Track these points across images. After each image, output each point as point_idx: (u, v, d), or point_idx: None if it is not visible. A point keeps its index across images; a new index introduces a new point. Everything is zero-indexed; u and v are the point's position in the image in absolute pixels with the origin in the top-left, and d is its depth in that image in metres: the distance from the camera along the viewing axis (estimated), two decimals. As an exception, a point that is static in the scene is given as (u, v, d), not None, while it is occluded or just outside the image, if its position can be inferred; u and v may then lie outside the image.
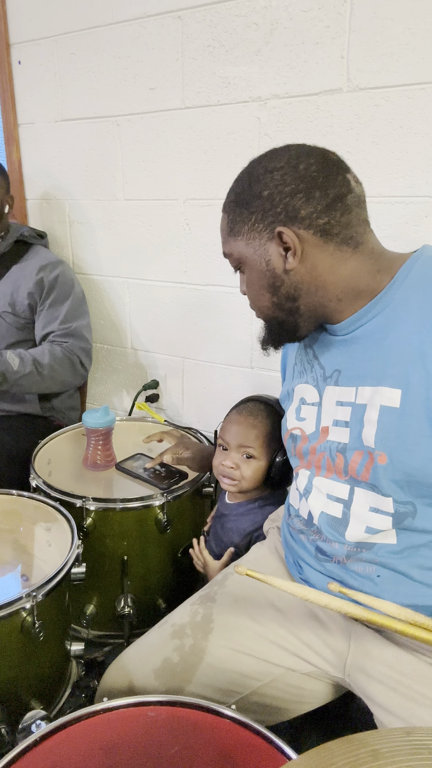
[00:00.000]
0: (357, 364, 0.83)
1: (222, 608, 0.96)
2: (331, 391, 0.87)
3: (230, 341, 1.58)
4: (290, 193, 0.77)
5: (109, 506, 1.22)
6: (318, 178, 0.77)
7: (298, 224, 0.77)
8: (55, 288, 1.57)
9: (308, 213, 0.77)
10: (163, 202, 1.58)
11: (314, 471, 0.90)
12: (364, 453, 0.81)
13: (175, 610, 1.00)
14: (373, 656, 0.86)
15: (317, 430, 0.89)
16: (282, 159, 0.79)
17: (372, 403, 0.79)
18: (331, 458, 0.86)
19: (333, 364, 0.87)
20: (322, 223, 0.77)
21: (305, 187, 0.77)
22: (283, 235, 0.78)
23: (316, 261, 0.79)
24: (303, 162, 0.78)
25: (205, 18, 1.36)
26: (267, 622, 0.93)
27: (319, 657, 0.91)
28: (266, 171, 0.79)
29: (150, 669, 0.90)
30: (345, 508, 0.85)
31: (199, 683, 0.89)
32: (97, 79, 1.60)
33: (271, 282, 0.82)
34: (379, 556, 0.83)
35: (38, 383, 1.48)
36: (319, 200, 0.77)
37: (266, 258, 0.81)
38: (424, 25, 1.12)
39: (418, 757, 0.38)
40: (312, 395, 0.91)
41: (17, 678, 0.96)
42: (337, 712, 1.06)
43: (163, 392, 1.79)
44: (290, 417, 0.95)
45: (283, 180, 0.78)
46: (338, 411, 0.85)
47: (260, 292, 0.85)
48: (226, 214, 0.85)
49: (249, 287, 0.87)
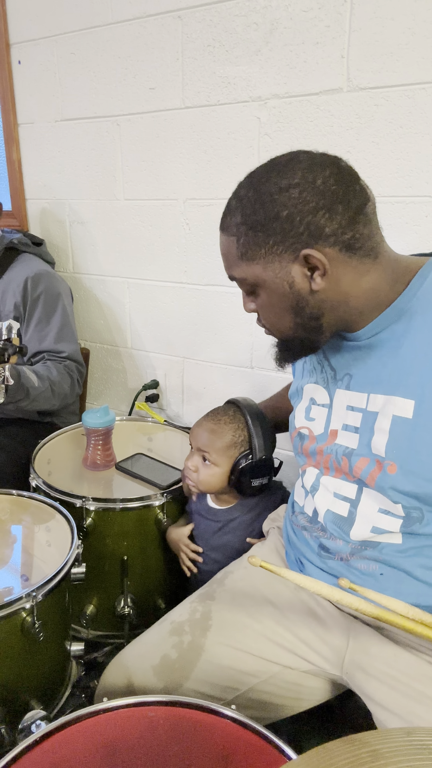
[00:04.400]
0: (370, 371, 0.82)
1: (221, 606, 0.97)
2: (342, 394, 0.86)
3: (230, 341, 1.58)
4: (312, 211, 0.72)
5: (109, 506, 1.22)
6: (338, 191, 0.73)
7: (323, 242, 0.73)
8: (39, 304, 1.54)
9: (333, 230, 0.73)
10: (163, 202, 1.58)
11: (323, 470, 0.91)
12: (371, 460, 0.81)
13: (174, 608, 1.01)
14: (372, 654, 0.86)
15: (326, 432, 0.89)
16: (295, 174, 0.74)
17: (384, 412, 0.79)
18: (337, 461, 0.87)
19: (344, 367, 0.86)
20: (347, 238, 0.73)
21: (327, 202, 0.72)
22: (311, 257, 0.74)
23: (340, 276, 0.76)
24: (319, 175, 0.73)
25: (205, 18, 1.36)
26: (265, 619, 0.94)
27: (317, 655, 0.91)
28: (280, 189, 0.73)
29: (149, 666, 0.91)
30: (351, 507, 0.85)
31: (198, 680, 0.90)
32: (97, 79, 1.60)
33: (295, 303, 0.78)
34: (384, 554, 0.83)
35: (48, 400, 1.47)
36: (342, 214, 0.72)
37: (289, 280, 0.77)
38: (424, 25, 1.12)
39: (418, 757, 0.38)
40: (322, 396, 0.90)
41: (17, 678, 0.96)
42: (336, 711, 1.06)
43: (163, 392, 1.79)
44: (299, 415, 0.95)
45: (302, 198, 0.72)
46: (349, 416, 0.85)
47: (282, 315, 0.80)
48: (233, 237, 0.78)
49: (267, 310, 0.82)
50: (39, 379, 1.42)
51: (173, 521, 1.28)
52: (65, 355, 1.55)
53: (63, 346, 1.55)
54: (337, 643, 0.90)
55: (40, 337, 1.54)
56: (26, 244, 1.63)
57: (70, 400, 1.60)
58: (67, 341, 1.57)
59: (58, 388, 1.49)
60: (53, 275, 1.61)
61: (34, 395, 1.40)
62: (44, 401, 1.46)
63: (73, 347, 1.58)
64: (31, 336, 1.54)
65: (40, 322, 1.55)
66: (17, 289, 1.53)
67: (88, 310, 1.87)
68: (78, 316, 1.87)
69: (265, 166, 0.78)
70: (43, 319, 1.55)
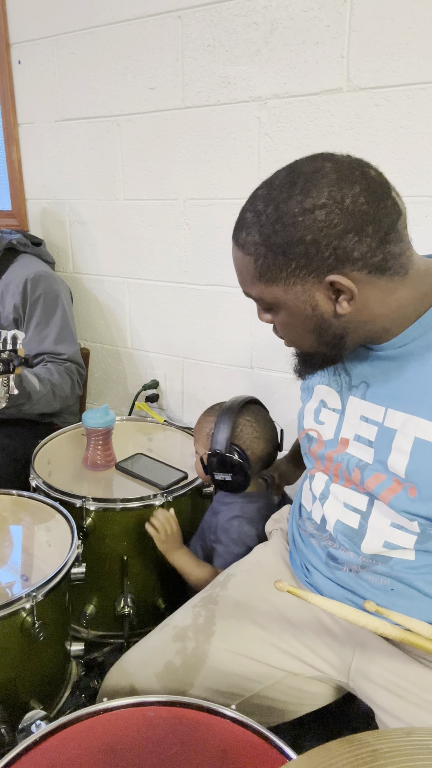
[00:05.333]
0: (390, 384, 0.79)
1: (224, 611, 0.95)
2: (357, 403, 0.83)
3: (230, 341, 1.58)
4: (339, 235, 0.66)
5: (109, 506, 1.22)
6: (369, 212, 0.67)
7: (350, 266, 0.68)
8: (39, 305, 1.54)
9: (362, 253, 0.67)
10: (163, 202, 1.58)
11: (332, 478, 0.88)
12: (388, 478, 0.78)
13: (176, 612, 1.00)
14: (379, 663, 0.85)
15: (336, 438, 0.86)
16: (321, 193, 0.66)
17: (404, 432, 0.76)
18: (348, 471, 0.84)
19: (361, 374, 0.83)
20: (377, 261, 0.68)
21: (356, 224, 0.66)
22: (337, 283, 0.69)
23: (367, 298, 0.71)
24: (348, 194, 0.66)
25: (205, 18, 1.36)
26: (270, 625, 0.92)
27: (322, 661, 0.90)
28: (305, 210, 0.67)
29: (152, 672, 0.90)
30: (362, 519, 0.83)
31: (201, 686, 0.89)
32: (97, 79, 1.60)
33: (318, 325, 0.74)
34: (395, 570, 0.81)
35: (50, 402, 1.47)
36: (372, 236, 0.67)
37: (312, 304, 0.72)
38: (424, 25, 1.12)
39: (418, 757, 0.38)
40: (334, 401, 0.87)
41: (17, 678, 0.96)
42: (337, 712, 1.06)
43: (163, 392, 1.79)
44: (307, 416, 0.92)
45: (329, 220, 0.66)
46: (362, 427, 0.82)
47: (303, 335, 0.77)
48: (249, 256, 0.73)
49: (287, 329, 0.78)
50: (40, 383, 1.42)
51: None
52: (65, 356, 1.55)
53: (63, 348, 1.55)
54: (344, 650, 0.89)
55: (39, 339, 1.54)
56: (25, 244, 1.62)
57: (70, 402, 1.60)
58: (67, 343, 1.57)
59: (59, 391, 1.49)
60: (53, 276, 1.61)
61: (36, 399, 1.40)
62: (45, 404, 1.46)
63: (73, 349, 1.58)
64: (31, 338, 1.54)
65: (40, 323, 1.54)
66: (16, 291, 1.53)
67: (87, 311, 1.87)
68: (78, 316, 1.87)
69: (287, 177, 0.70)
70: (42, 321, 1.55)
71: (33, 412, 1.46)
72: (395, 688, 0.82)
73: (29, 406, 1.40)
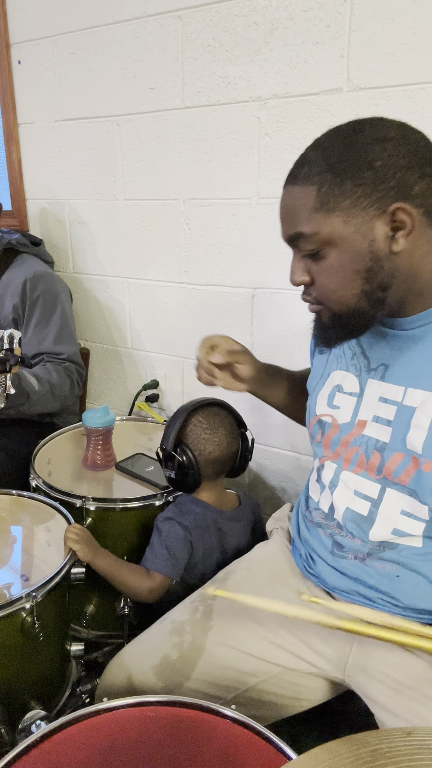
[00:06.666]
0: (410, 363, 0.80)
1: (222, 607, 0.96)
2: (376, 385, 0.83)
3: (230, 341, 1.58)
4: (405, 167, 0.69)
5: (109, 506, 1.22)
6: (427, 154, 0.71)
7: (411, 201, 0.69)
8: (38, 305, 1.54)
9: (422, 190, 0.69)
10: (163, 202, 1.58)
11: (341, 464, 0.88)
12: (406, 456, 0.79)
13: (174, 608, 1.01)
14: (376, 657, 0.85)
15: (352, 421, 0.86)
16: (390, 128, 0.71)
17: (424, 409, 0.77)
18: (366, 455, 0.84)
19: (380, 357, 0.83)
20: (431, 203, 0.70)
21: (419, 161, 0.70)
22: (400, 212, 0.69)
23: (416, 245, 0.72)
24: (412, 134, 0.72)
25: (205, 18, 1.36)
26: (266, 621, 0.93)
27: (319, 657, 0.90)
28: (375, 140, 0.70)
29: (149, 666, 0.91)
30: (372, 506, 0.83)
31: (198, 680, 0.90)
32: (97, 79, 1.60)
33: (369, 267, 0.73)
34: (402, 556, 0.82)
35: (49, 403, 1.47)
36: (430, 177, 0.70)
37: (370, 237, 0.71)
38: (424, 25, 1.12)
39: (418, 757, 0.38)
40: (351, 384, 0.87)
41: (17, 678, 0.96)
42: (337, 712, 1.06)
43: (163, 392, 1.79)
44: (320, 402, 0.91)
45: (398, 151, 0.69)
46: (381, 408, 0.82)
47: (351, 279, 0.74)
48: (312, 186, 0.72)
49: (332, 274, 0.75)
50: (39, 383, 1.42)
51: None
52: (64, 356, 1.55)
53: (62, 348, 1.55)
54: (341, 645, 0.89)
55: (39, 339, 1.54)
56: (25, 244, 1.62)
57: (69, 402, 1.60)
58: (67, 343, 1.57)
59: (58, 391, 1.49)
60: (52, 276, 1.61)
61: (35, 399, 1.40)
62: (44, 404, 1.46)
63: (73, 349, 1.58)
64: (30, 338, 1.54)
65: (39, 323, 1.54)
66: (16, 291, 1.53)
67: (88, 310, 1.87)
68: (78, 316, 1.87)
69: (351, 123, 0.75)
70: (42, 321, 1.55)
71: (32, 412, 1.46)
72: (392, 683, 0.82)
73: (28, 407, 1.40)
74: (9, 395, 1.17)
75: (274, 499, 1.60)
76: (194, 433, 1.14)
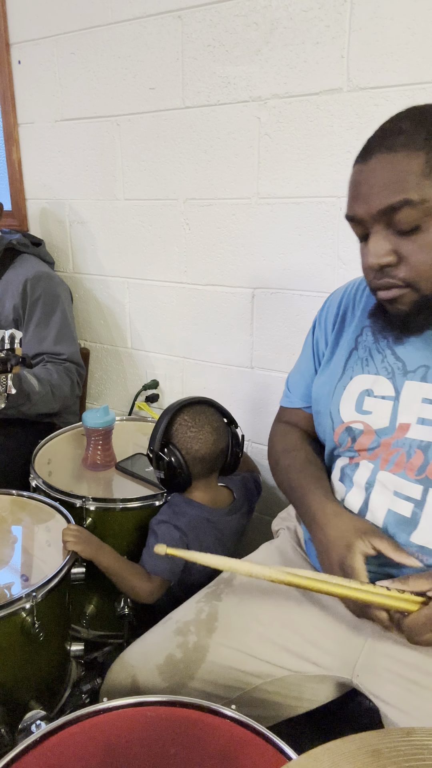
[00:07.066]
0: None
1: (227, 607, 0.96)
2: (416, 387, 0.82)
3: (230, 341, 1.58)
4: None
5: (109, 506, 1.22)
6: None
7: None
8: (39, 306, 1.54)
9: None
10: (163, 202, 1.58)
11: (379, 464, 0.85)
12: None
13: (179, 607, 1.00)
14: (388, 656, 0.85)
15: (392, 425, 0.83)
16: None
17: None
18: (408, 455, 0.82)
19: (418, 359, 0.82)
20: None
21: None
22: None
23: None
24: None
25: (205, 18, 1.36)
26: (272, 623, 0.92)
27: (326, 655, 0.90)
28: None
29: (153, 665, 0.91)
30: (416, 508, 0.81)
31: (202, 680, 0.90)
32: (96, 79, 1.60)
33: None
34: None
35: (49, 403, 1.47)
36: None
37: None
38: (424, 25, 1.12)
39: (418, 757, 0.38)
40: (384, 388, 0.85)
41: (17, 678, 0.96)
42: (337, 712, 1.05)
43: (163, 392, 1.79)
44: (345, 409, 0.88)
45: None
46: (424, 409, 0.81)
47: None
48: (419, 152, 0.69)
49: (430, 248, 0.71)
50: (39, 383, 1.42)
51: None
52: (65, 357, 1.55)
53: (62, 348, 1.55)
54: (351, 644, 0.88)
55: (39, 339, 1.54)
56: (25, 244, 1.63)
57: (70, 402, 1.60)
58: (67, 343, 1.57)
59: (58, 391, 1.49)
60: (52, 276, 1.61)
61: (36, 399, 1.40)
62: (45, 404, 1.46)
63: (73, 349, 1.58)
64: (31, 338, 1.54)
65: (40, 323, 1.55)
66: (16, 291, 1.53)
67: (88, 311, 1.87)
68: (78, 316, 1.87)
69: (428, 105, 0.73)
70: (42, 321, 1.55)
71: (33, 412, 1.46)
72: (404, 682, 0.82)
73: (28, 407, 1.40)
74: (9, 395, 1.17)
75: (275, 499, 1.60)
76: (180, 432, 1.14)
